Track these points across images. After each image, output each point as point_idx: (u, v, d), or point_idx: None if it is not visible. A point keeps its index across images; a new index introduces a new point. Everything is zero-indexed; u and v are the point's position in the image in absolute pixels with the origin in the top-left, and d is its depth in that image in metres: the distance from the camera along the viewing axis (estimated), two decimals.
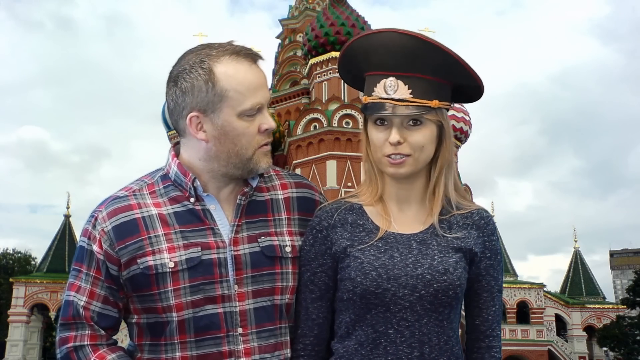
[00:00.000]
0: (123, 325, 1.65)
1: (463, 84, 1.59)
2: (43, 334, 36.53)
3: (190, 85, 1.52)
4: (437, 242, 1.57)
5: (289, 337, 1.62)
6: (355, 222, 1.62)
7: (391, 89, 1.52)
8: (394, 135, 1.53)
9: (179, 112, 1.56)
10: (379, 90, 1.54)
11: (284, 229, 1.65)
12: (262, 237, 1.60)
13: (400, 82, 1.52)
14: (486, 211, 1.67)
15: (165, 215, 1.57)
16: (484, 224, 1.63)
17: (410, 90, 1.52)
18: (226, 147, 1.54)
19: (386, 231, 1.58)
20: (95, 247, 1.56)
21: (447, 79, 1.56)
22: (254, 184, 1.63)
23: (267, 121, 1.57)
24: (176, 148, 1.67)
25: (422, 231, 1.59)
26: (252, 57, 1.56)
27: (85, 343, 1.54)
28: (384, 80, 1.54)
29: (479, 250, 1.60)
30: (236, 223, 1.60)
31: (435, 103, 1.53)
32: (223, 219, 1.59)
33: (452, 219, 1.61)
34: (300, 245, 1.65)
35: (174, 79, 1.55)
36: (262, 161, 1.58)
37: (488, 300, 1.62)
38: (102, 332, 1.56)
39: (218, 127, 1.53)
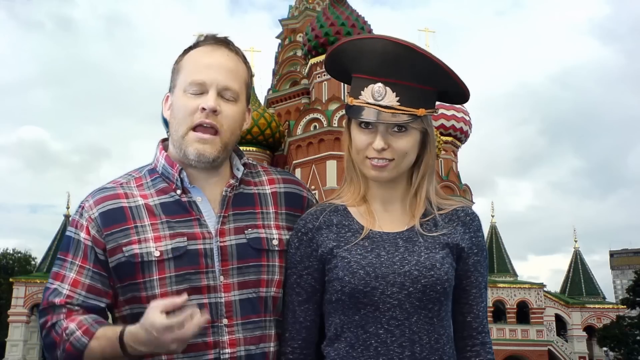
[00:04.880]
0: None
1: (449, 91, 1.59)
2: None
3: (172, 70, 1.65)
4: (424, 239, 1.57)
5: (274, 331, 1.62)
6: (340, 222, 1.61)
7: (379, 95, 1.51)
8: (379, 142, 1.53)
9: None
10: (366, 95, 1.53)
11: (272, 222, 1.66)
12: (249, 229, 1.61)
13: (388, 89, 1.51)
14: (470, 208, 1.67)
15: (152, 206, 1.59)
16: (469, 220, 1.64)
17: (397, 98, 1.51)
18: (174, 125, 1.60)
19: (371, 230, 1.59)
20: (82, 235, 1.57)
21: (433, 86, 1.55)
22: (239, 175, 1.65)
23: (207, 101, 1.54)
24: (164, 143, 1.70)
25: (408, 229, 1.59)
26: (224, 43, 1.61)
27: (61, 318, 1.53)
28: (371, 86, 1.52)
29: (466, 246, 1.60)
30: (222, 214, 1.60)
31: (421, 111, 1.52)
32: (209, 211, 1.60)
33: (437, 217, 1.61)
34: (287, 240, 1.65)
35: None
36: (191, 145, 1.56)
37: (477, 297, 1.62)
38: (79, 309, 1.54)
39: (173, 103, 1.62)
